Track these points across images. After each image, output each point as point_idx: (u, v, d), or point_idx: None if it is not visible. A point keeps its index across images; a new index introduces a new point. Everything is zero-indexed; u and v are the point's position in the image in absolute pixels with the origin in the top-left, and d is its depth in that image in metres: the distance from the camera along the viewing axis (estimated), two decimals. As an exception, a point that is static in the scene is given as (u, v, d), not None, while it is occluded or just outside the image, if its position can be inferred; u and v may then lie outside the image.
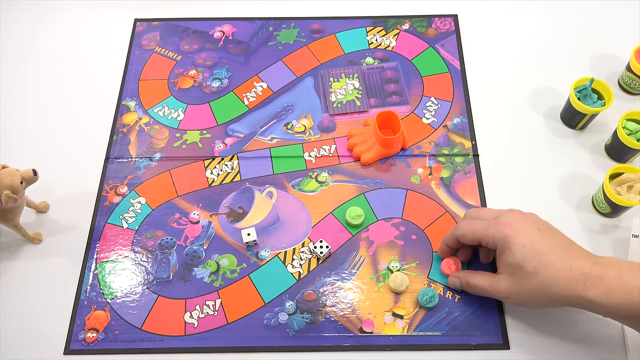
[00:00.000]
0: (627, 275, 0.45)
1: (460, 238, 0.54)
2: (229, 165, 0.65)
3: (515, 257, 0.48)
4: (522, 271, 0.48)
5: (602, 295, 0.45)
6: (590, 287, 0.45)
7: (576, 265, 0.46)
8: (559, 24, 0.76)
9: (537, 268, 0.47)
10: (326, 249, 0.58)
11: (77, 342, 0.55)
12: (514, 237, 0.49)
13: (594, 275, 0.46)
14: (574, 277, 0.46)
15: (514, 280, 0.49)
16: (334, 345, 0.54)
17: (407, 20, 0.76)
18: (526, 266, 0.48)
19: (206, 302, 0.57)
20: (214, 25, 0.77)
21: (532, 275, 0.47)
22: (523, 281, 0.48)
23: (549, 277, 0.47)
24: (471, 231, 0.52)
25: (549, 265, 0.47)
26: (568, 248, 0.49)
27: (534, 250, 0.48)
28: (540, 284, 0.47)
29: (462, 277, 0.55)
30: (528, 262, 0.48)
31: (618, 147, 0.63)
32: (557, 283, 0.46)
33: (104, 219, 0.62)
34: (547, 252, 0.47)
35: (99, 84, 0.72)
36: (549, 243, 0.48)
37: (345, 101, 0.70)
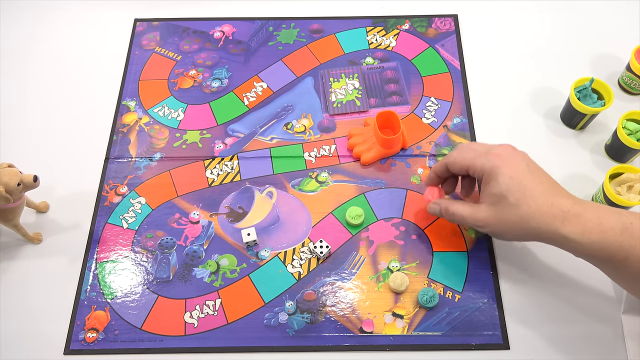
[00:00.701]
0: (604, 216, 0.45)
1: (450, 165, 0.54)
2: (229, 165, 0.65)
3: (500, 187, 0.48)
4: (504, 202, 0.48)
5: (577, 233, 0.46)
6: (567, 224, 0.46)
7: (557, 202, 0.47)
8: (559, 24, 0.76)
9: (519, 200, 0.47)
10: (326, 249, 0.58)
11: (77, 342, 0.55)
12: (502, 167, 0.49)
13: (572, 213, 0.46)
14: (554, 213, 0.46)
15: (494, 210, 0.50)
16: (334, 345, 0.54)
17: (407, 20, 0.76)
18: (509, 197, 0.48)
19: (206, 302, 0.57)
20: (214, 25, 0.77)
21: (513, 207, 0.48)
22: (503, 212, 0.49)
23: (530, 210, 0.47)
24: (461, 159, 0.52)
25: (531, 199, 0.47)
26: (552, 186, 0.49)
27: (519, 183, 0.48)
28: (519, 216, 0.48)
29: (442, 203, 0.55)
30: (512, 193, 0.48)
31: (618, 147, 0.63)
32: (536, 217, 0.47)
33: (104, 219, 0.62)
34: (531, 187, 0.48)
35: (98, 84, 0.72)
36: (535, 179, 0.49)
37: (345, 101, 0.70)
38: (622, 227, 0.44)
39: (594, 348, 0.54)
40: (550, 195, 0.48)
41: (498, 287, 0.57)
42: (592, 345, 0.54)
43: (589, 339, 0.54)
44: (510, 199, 0.48)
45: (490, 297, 0.57)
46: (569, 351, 0.54)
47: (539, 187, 0.48)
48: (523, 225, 0.48)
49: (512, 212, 0.48)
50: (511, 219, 0.48)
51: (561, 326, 0.55)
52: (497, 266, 0.58)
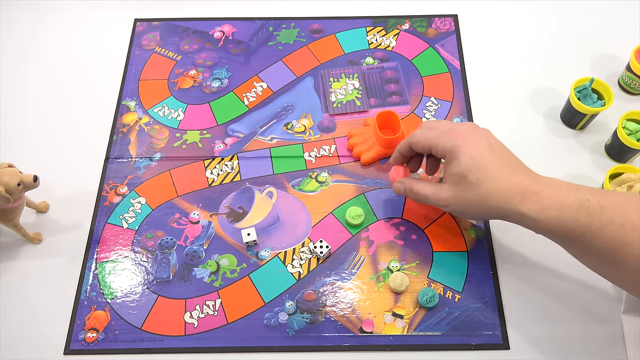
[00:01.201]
0: (562, 193, 0.46)
1: (413, 145, 0.54)
2: (229, 165, 0.65)
3: (460, 167, 0.49)
4: (465, 181, 0.49)
5: (535, 211, 0.46)
6: (526, 202, 0.46)
7: (516, 180, 0.47)
8: (559, 24, 0.76)
9: (480, 180, 0.48)
10: (326, 249, 0.58)
11: (77, 342, 0.55)
12: (463, 147, 0.49)
13: (531, 191, 0.46)
14: (513, 191, 0.47)
15: (456, 189, 0.50)
16: (334, 345, 0.55)
17: (407, 20, 0.76)
18: (470, 177, 0.48)
19: (206, 302, 0.57)
20: (214, 25, 0.77)
21: (474, 186, 0.48)
22: (464, 191, 0.49)
23: (490, 189, 0.47)
24: (424, 139, 0.52)
25: (492, 178, 0.47)
26: (512, 164, 0.49)
27: (480, 162, 0.48)
28: (480, 195, 0.48)
29: (406, 182, 0.56)
30: (472, 173, 0.48)
31: (618, 147, 0.63)
32: (496, 196, 0.47)
33: (104, 219, 0.62)
34: (491, 165, 0.48)
35: (98, 84, 0.72)
36: (496, 157, 0.49)
37: (345, 101, 0.70)
38: (579, 204, 0.44)
39: (594, 348, 0.54)
40: (510, 173, 0.48)
41: (498, 287, 0.57)
42: (592, 345, 0.54)
43: (589, 339, 0.54)
44: (471, 178, 0.48)
45: (490, 297, 0.57)
46: (569, 351, 0.54)
47: (499, 166, 0.48)
48: (483, 204, 0.48)
49: (472, 192, 0.48)
50: (472, 198, 0.49)
51: (561, 326, 0.55)
52: (497, 266, 0.58)
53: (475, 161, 0.48)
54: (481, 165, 0.48)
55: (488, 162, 0.48)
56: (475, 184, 0.48)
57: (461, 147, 0.49)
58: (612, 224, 0.43)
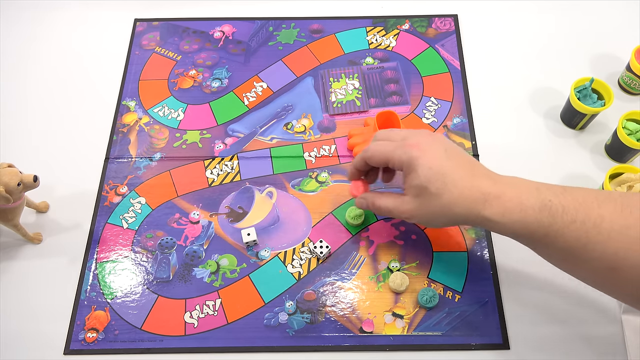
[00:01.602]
0: (524, 195, 0.45)
1: (369, 160, 0.53)
2: (229, 165, 0.65)
3: (420, 179, 0.48)
4: (426, 192, 0.48)
5: (499, 214, 0.45)
6: (488, 206, 0.46)
7: (477, 185, 0.47)
8: (559, 23, 0.76)
9: (440, 189, 0.47)
10: (326, 249, 0.58)
11: (77, 342, 0.55)
12: (421, 158, 0.48)
13: (493, 195, 0.46)
14: (475, 196, 0.46)
15: (418, 201, 0.49)
16: (334, 345, 0.55)
17: (407, 20, 0.76)
18: (430, 187, 0.47)
19: (206, 302, 0.57)
20: (214, 25, 0.77)
21: (435, 197, 0.47)
22: (427, 202, 0.48)
23: (452, 197, 0.47)
24: (379, 153, 0.51)
25: (452, 186, 0.47)
26: (471, 168, 0.48)
27: (439, 172, 0.47)
28: (442, 204, 0.47)
29: (368, 198, 0.55)
30: (432, 183, 0.47)
31: (618, 147, 0.63)
32: (459, 203, 0.47)
33: (104, 219, 0.62)
34: (450, 173, 0.47)
35: (98, 84, 0.72)
36: (454, 164, 0.48)
37: (345, 101, 0.70)
38: (541, 205, 0.44)
39: (594, 348, 0.54)
40: (470, 177, 0.47)
41: (498, 287, 0.57)
42: (592, 345, 0.54)
43: (589, 339, 0.54)
44: (432, 189, 0.47)
45: (490, 297, 0.57)
46: (569, 351, 0.54)
47: (458, 172, 0.47)
48: (447, 213, 0.48)
49: (435, 202, 0.47)
50: (435, 208, 0.48)
51: (561, 326, 0.55)
52: (497, 266, 0.58)
53: (434, 171, 0.47)
54: (440, 175, 0.47)
55: (447, 170, 0.47)
56: (437, 194, 0.47)
57: (418, 158, 0.48)
58: (575, 223, 0.42)
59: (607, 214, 0.42)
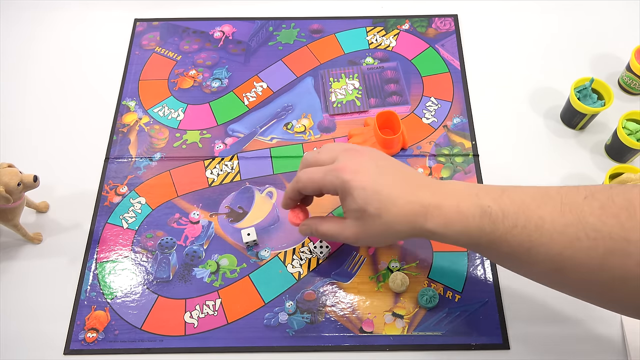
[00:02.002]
0: (463, 203, 0.44)
1: (302, 190, 0.51)
2: (229, 165, 0.65)
3: (356, 202, 0.46)
4: (365, 214, 0.46)
5: (441, 225, 0.44)
6: (430, 218, 0.44)
7: (415, 198, 0.45)
8: (558, 24, 0.76)
9: (379, 209, 0.45)
10: (326, 249, 0.58)
11: (77, 342, 0.55)
12: (353, 181, 0.46)
13: (433, 206, 0.44)
14: (415, 210, 0.45)
15: (359, 224, 0.47)
16: (333, 345, 0.54)
17: (407, 20, 0.76)
18: (368, 209, 0.45)
19: (206, 302, 0.57)
20: (214, 25, 0.77)
21: (375, 217, 0.46)
22: (368, 224, 0.46)
23: (392, 215, 0.45)
24: (310, 182, 0.49)
25: (390, 204, 0.45)
26: (408, 181, 0.47)
27: (374, 191, 0.45)
28: (384, 224, 0.46)
29: (312, 224, 0.53)
30: (369, 204, 0.45)
31: (618, 147, 0.63)
32: (399, 220, 0.45)
33: (104, 219, 0.62)
34: (387, 190, 0.45)
35: (98, 84, 0.72)
36: (389, 180, 0.46)
37: (345, 101, 0.70)
38: (481, 212, 0.43)
39: (594, 348, 0.54)
40: (409, 191, 0.46)
41: (498, 287, 0.57)
42: (592, 345, 0.54)
43: (589, 339, 0.54)
44: (370, 209, 0.45)
45: (490, 297, 0.57)
46: (569, 351, 0.54)
47: (395, 188, 0.46)
48: (390, 231, 0.46)
49: (376, 222, 0.46)
50: (377, 229, 0.46)
51: (561, 326, 0.55)
52: (497, 266, 0.58)
53: (369, 191, 0.45)
54: (376, 194, 0.45)
55: (382, 187, 0.46)
56: (377, 214, 0.45)
57: (350, 181, 0.46)
58: (516, 227, 0.41)
59: (547, 214, 0.41)
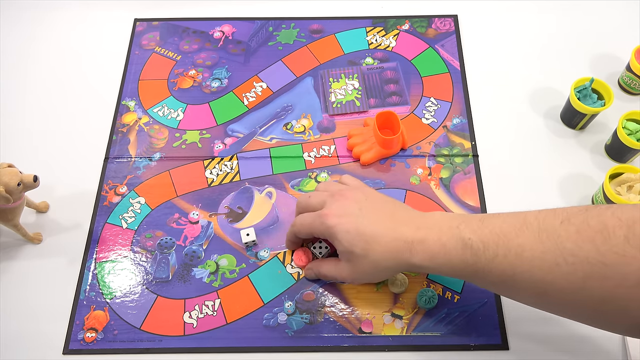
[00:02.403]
0: (445, 236, 0.45)
1: (298, 234, 0.55)
2: (228, 166, 0.65)
3: (343, 245, 0.49)
4: (353, 255, 0.49)
5: (426, 260, 0.46)
6: (415, 253, 0.46)
7: (399, 235, 0.47)
8: (559, 23, 0.76)
9: (365, 250, 0.48)
10: (325, 249, 0.58)
11: (76, 342, 0.55)
12: (337, 226, 0.49)
13: (416, 241, 0.46)
14: (399, 247, 0.47)
15: (350, 265, 0.50)
16: (333, 345, 0.54)
17: (407, 21, 0.76)
18: (355, 250, 0.48)
19: (205, 303, 0.57)
20: (214, 25, 0.77)
21: (362, 257, 0.48)
22: (357, 264, 0.49)
23: (378, 254, 0.48)
24: (303, 228, 0.53)
25: (375, 244, 0.48)
26: (391, 218, 0.49)
27: (357, 233, 0.48)
28: (371, 262, 0.48)
29: (314, 268, 0.56)
30: (355, 245, 0.48)
31: (618, 147, 0.62)
32: (386, 257, 0.47)
33: (104, 219, 0.62)
34: (370, 231, 0.48)
35: (98, 84, 0.72)
36: (371, 220, 0.49)
37: (345, 101, 0.70)
38: (463, 245, 0.44)
39: (594, 348, 0.54)
40: (392, 229, 0.48)
41: (497, 288, 0.57)
42: (592, 345, 0.54)
43: (588, 339, 0.54)
44: (357, 251, 0.48)
45: (490, 298, 0.56)
46: (568, 351, 0.54)
47: (378, 228, 0.48)
48: (379, 269, 0.49)
49: (364, 262, 0.49)
50: (366, 267, 0.49)
51: (561, 326, 0.55)
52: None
53: (353, 234, 0.48)
54: (360, 235, 0.48)
55: (365, 229, 0.48)
56: (363, 255, 0.48)
57: (334, 226, 0.49)
58: (497, 257, 0.43)
59: (526, 242, 0.42)
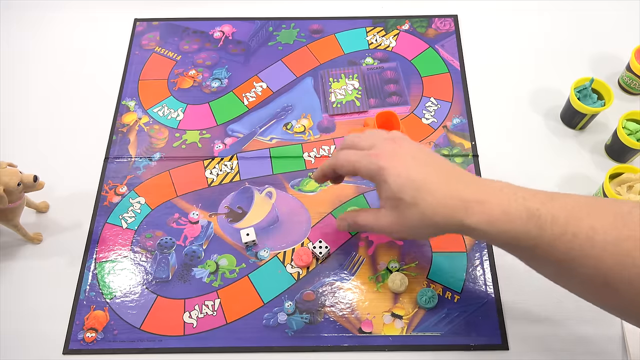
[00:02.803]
0: (507, 202, 0.42)
1: (338, 169, 0.50)
2: (228, 166, 0.65)
3: (391, 189, 0.45)
4: (401, 203, 0.45)
5: (483, 223, 0.42)
6: (471, 213, 0.42)
7: (455, 191, 0.43)
8: (558, 23, 0.76)
9: (415, 197, 0.44)
10: (325, 249, 0.58)
11: (76, 342, 0.55)
12: (388, 168, 0.45)
13: (475, 201, 0.42)
14: (454, 204, 0.43)
15: (395, 213, 0.46)
16: (332, 345, 0.54)
17: (407, 21, 0.76)
18: (404, 197, 0.44)
19: (205, 302, 0.57)
20: (214, 25, 0.77)
21: (412, 206, 0.44)
22: (404, 213, 0.45)
23: (429, 205, 0.43)
24: (347, 163, 0.49)
25: (427, 193, 0.43)
26: (447, 173, 0.45)
27: (409, 179, 0.44)
28: (421, 213, 0.44)
29: (348, 218, 0.53)
30: (405, 192, 0.44)
31: (618, 147, 0.62)
32: (437, 211, 0.43)
33: (104, 219, 0.62)
34: (423, 180, 0.44)
35: (98, 84, 0.72)
36: (426, 170, 0.45)
37: (345, 101, 0.70)
38: (528, 214, 0.41)
39: (594, 348, 0.54)
40: (447, 184, 0.44)
41: (497, 288, 0.57)
42: (592, 345, 0.54)
43: (589, 339, 0.54)
44: (406, 198, 0.44)
45: (490, 298, 0.56)
46: (568, 351, 0.54)
47: (432, 179, 0.44)
48: (427, 222, 0.44)
49: (412, 211, 0.44)
50: (413, 218, 0.45)
51: (560, 326, 0.55)
52: (496, 267, 0.58)
53: (404, 179, 0.44)
54: (411, 181, 0.44)
55: (418, 176, 0.44)
56: (413, 203, 0.44)
57: (385, 168, 0.45)
58: (565, 235, 0.39)
59: (599, 225, 0.38)
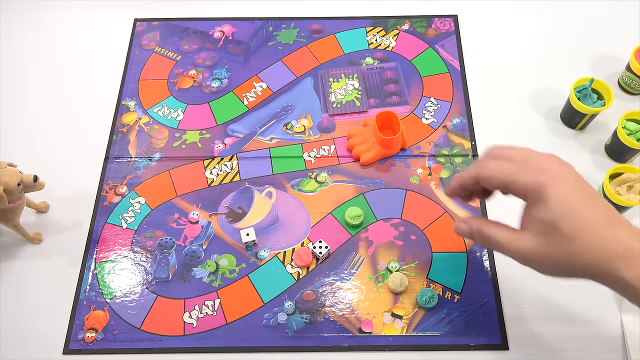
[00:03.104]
0: None
1: (484, 180, 0.43)
2: (228, 166, 0.65)
3: (550, 213, 0.39)
4: (556, 232, 0.39)
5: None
6: (631, 266, 0.37)
7: (618, 236, 0.38)
8: (559, 24, 0.76)
9: (576, 231, 0.38)
10: (325, 249, 0.58)
11: (76, 342, 0.55)
12: (551, 187, 0.39)
13: (637, 251, 0.37)
14: (615, 249, 0.38)
15: (543, 240, 0.40)
16: (332, 345, 0.54)
17: (407, 21, 0.76)
18: (563, 227, 0.38)
19: (205, 302, 0.57)
20: (214, 25, 0.77)
21: (567, 239, 0.38)
22: (555, 244, 0.39)
23: (586, 244, 0.38)
24: (498, 173, 0.42)
25: (591, 232, 0.38)
26: (609, 212, 0.40)
27: (574, 209, 0.39)
28: (575, 250, 0.38)
29: (474, 223, 0.45)
30: (566, 221, 0.38)
31: (618, 147, 0.62)
32: (594, 253, 0.38)
33: (104, 219, 0.62)
34: (587, 214, 0.38)
35: (98, 84, 0.72)
36: (592, 204, 0.39)
37: (345, 101, 0.70)
38: None
39: (594, 348, 0.54)
40: (610, 225, 0.38)
41: (497, 288, 0.57)
42: (592, 345, 0.54)
43: (589, 339, 0.54)
44: (565, 228, 0.38)
45: (490, 298, 0.56)
46: (568, 351, 0.54)
47: (595, 215, 0.39)
48: (576, 262, 0.39)
49: (565, 245, 0.39)
50: (563, 252, 0.39)
51: (561, 326, 0.55)
52: (496, 266, 0.58)
53: (568, 207, 0.38)
54: (576, 213, 0.38)
55: (583, 209, 0.39)
56: (570, 236, 0.38)
57: (548, 187, 0.39)
58: None
59: None
